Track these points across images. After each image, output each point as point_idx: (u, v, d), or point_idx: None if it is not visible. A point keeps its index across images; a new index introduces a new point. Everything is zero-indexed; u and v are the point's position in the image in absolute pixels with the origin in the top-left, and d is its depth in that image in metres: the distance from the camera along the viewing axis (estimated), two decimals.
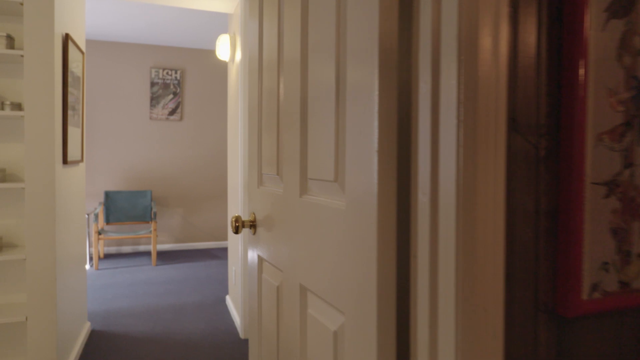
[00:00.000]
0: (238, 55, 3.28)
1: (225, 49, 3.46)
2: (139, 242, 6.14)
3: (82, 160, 3.08)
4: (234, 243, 3.64)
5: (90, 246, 5.83)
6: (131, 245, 6.09)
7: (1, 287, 2.59)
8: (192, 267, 5.27)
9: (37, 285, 2.40)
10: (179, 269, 5.16)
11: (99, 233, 5.18)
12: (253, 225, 1.45)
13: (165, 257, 5.80)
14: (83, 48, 3.13)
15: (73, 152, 2.77)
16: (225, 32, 5.57)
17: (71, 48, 2.69)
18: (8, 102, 2.44)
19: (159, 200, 6.17)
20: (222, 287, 4.48)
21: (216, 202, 6.38)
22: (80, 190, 3.18)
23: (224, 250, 6.27)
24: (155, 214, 5.29)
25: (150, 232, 5.38)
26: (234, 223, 1.40)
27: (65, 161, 2.58)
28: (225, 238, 6.44)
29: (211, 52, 6.35)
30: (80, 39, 3.05)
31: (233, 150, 3.63)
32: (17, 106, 2.47)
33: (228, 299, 3.88)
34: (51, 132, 2.38)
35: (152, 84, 6.17)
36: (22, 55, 2.35)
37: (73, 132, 2.78)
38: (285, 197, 1.18)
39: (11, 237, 2.59)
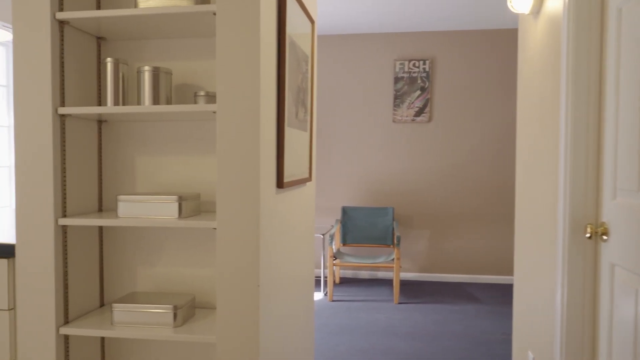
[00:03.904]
0: (554, 2, 1.87)
1: None
2: (378, 268, 5.20)
3: (310, 178, 2.13)
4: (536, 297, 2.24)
5: (324, 267, 5.13)
6: (369, 270, 5.19)
7: None
8: (443, 311, 4.01)
9: None
10: (426, 313, 3.97)
11: (334, 257, 4.38)
12: None
13: (407, 289, 4.70)
14: (314, 15, 2.18)
15: (295, 169, 1.81)
16: None
17: (291, 5, 1.72)
18: (202, 93, 1.57)
19: (401, 220, 5.11)
20: None
21: (477, 225, 4.99)
22: (308, 217, 2.24)
23: (484, 288, 4.83)
24: (399, 239, 4.22)
25: (392, 260, 4.33)
26: None
27: (280, 184, 1.62)
28: (487, 272, 4.99)
29: (469, 33, 5.00)
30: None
31: (536, 158, 2.22)
32: (213, 99, 1.59)
33: None
34: (254, 138, 1.41)
35: (396, 80, 5.16)
36: (214, 13, 1.44)
37: (296, 139, 1.82)
38: None
39: (207, 294, 1.74)
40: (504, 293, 4.60)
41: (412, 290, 4.67)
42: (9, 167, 3.68)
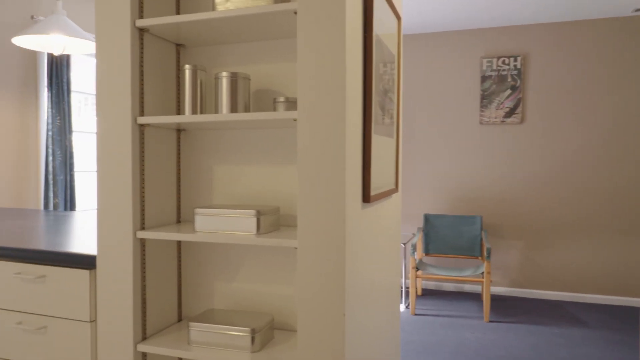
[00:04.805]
0: None
1: None
2: (465, 280, 4.87)
3: (396, 188, 1.95)
4: None
5: (406, 277, 4.90)
6: (454, 282, 4.88)
7: None
8: (542, 334, 3.63)
9: None
10: (522, 334, 3.61)
11: (417, 268, 4.14)
12: None
13: (498, 305, 4.34)
14: (399, 10, 2.00)
15: (381, 180, 1.64)
16: None
17: (378, 2, 1.56)
18: (282, 99, 1.46)
19: (490, 229, 4.76)
20: None
21: (579, 237, 4.52)
22: (394, 230, 2.06)
23: (589, 309, 4.35)
24: (489, 252, 3.90)
25: (481, 274, 4.02)
26: None
27: (366, 198, 1.46)
28: (592, 290, 4.49)
29: (567, 25, 4.54)
30: None
31: None
32: (294, 105, 1.47)
33: None
34: (339, 148, 1.27)
35: (483, 79, 4.82)
36: (295, 12, 1.32)
37: (382, 146, 1.65)
38: None
39: (286, 315, 1.62)
40: (616, 316, 4.07)
41: (504, 307, 4.30)
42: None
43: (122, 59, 1.47)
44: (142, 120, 1.48)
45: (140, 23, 1.47)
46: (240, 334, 1.42)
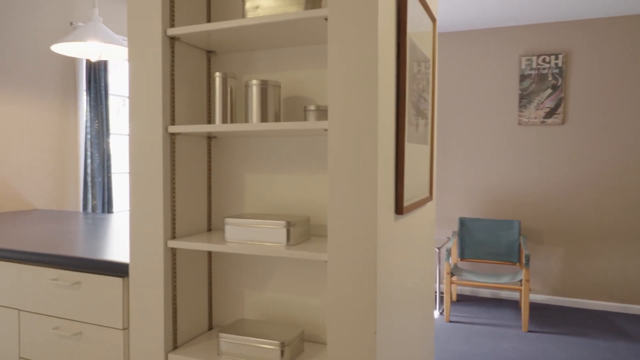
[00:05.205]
0: None
1: None
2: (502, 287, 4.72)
3: (430, 197, 1.89)
4: None
5: (440, 282, 4.79)
6: (491, 288, 4.73)
7: None
8: (586, 347, 3.46)
9: None
10: (564, 346, 3.46)
11: (451, 274, 4.03)
12: None
13: (537, 314, 4.18)
14: (435, 12, 1.94)
15: (415, 190, 1.58)
16: None
17: (412, 3, 1.50)
18: (312, 107, 1.43)
19: (529, 234, 4.59)
20: None
21: (628, 243, 4.30)
22: (428, 239, 2.00)
23: (635, 320, 4.13)
24: (528, 258, 3.76)
25: (520, 281, 3.87)
26: None
27: (399, 210, 1.41)
28: None
29: (613, 20, 4.33)
30: None
31: None
32: (325, 113, 1.44)
33: None
34: (370, 159, 1.22)
35: (522, 78, 4.65)
36: (325, 18, 1.28)
37: (416, 154, 1.60)
38: None
39: (316, 327, 1.58)
40: None
41: (544, 316, 4.14)
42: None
43: (154, 68, 1.46)
44: (173, 129, 1.48)
45: (172, 32, 1.46)
46: (270, 347, 1.40)
